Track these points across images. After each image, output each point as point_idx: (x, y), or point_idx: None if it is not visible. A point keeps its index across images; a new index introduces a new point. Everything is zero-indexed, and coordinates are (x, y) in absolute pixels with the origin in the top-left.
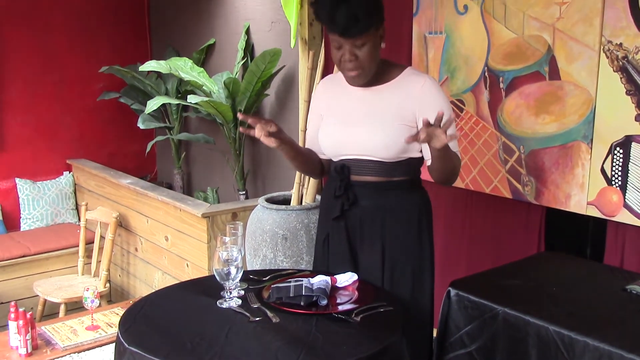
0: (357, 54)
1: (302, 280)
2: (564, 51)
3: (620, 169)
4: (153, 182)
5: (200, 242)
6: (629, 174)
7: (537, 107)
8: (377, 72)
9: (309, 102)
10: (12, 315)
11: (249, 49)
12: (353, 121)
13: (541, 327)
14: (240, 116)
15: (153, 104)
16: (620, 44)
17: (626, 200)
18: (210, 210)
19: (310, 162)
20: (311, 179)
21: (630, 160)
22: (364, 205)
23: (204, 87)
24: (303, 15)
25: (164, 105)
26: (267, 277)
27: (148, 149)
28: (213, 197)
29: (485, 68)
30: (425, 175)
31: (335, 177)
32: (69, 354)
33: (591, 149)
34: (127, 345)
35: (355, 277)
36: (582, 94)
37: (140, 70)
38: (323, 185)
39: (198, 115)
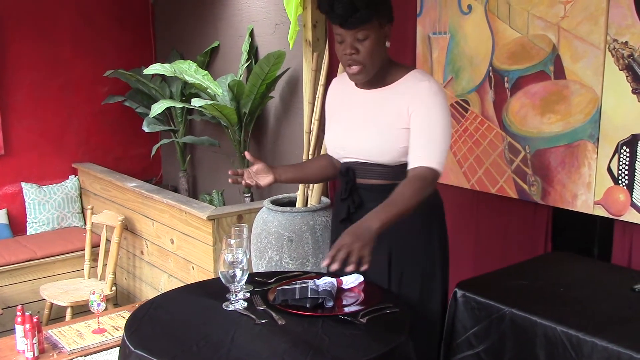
0: (358, 48)
1: (307, 282)
2: (569, 50)
3: (627, 168)
4: (158, 185)
5: (205, 244)
6: (635, 173)
7: (543, 107)
8: (382, 73)
9: (313, 103)
10: (19, 319)
11: (253, 52)
12: (355, 124)
13: (549, 328)
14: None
15: (158, 107)
16: (626, 42)
17: (633, 199)
18: (215, 212)
19: (321, 174)
20: None
21: (637, 159)
22: (370, 209)
23: (208, 90)
24: (306, 17)
25: (168, 108)
26: (273, 280)
27: (153, 152)
28: (218, 200)
29: (490, 68)
30: None
31: (341, 179)
32: (76, 357)
33: (597, 148)
34: (132, 349)
35: (361, 278)
36: (587, 93)
37: (144, 73)
38: (328, 187)
39: (203, 118)
